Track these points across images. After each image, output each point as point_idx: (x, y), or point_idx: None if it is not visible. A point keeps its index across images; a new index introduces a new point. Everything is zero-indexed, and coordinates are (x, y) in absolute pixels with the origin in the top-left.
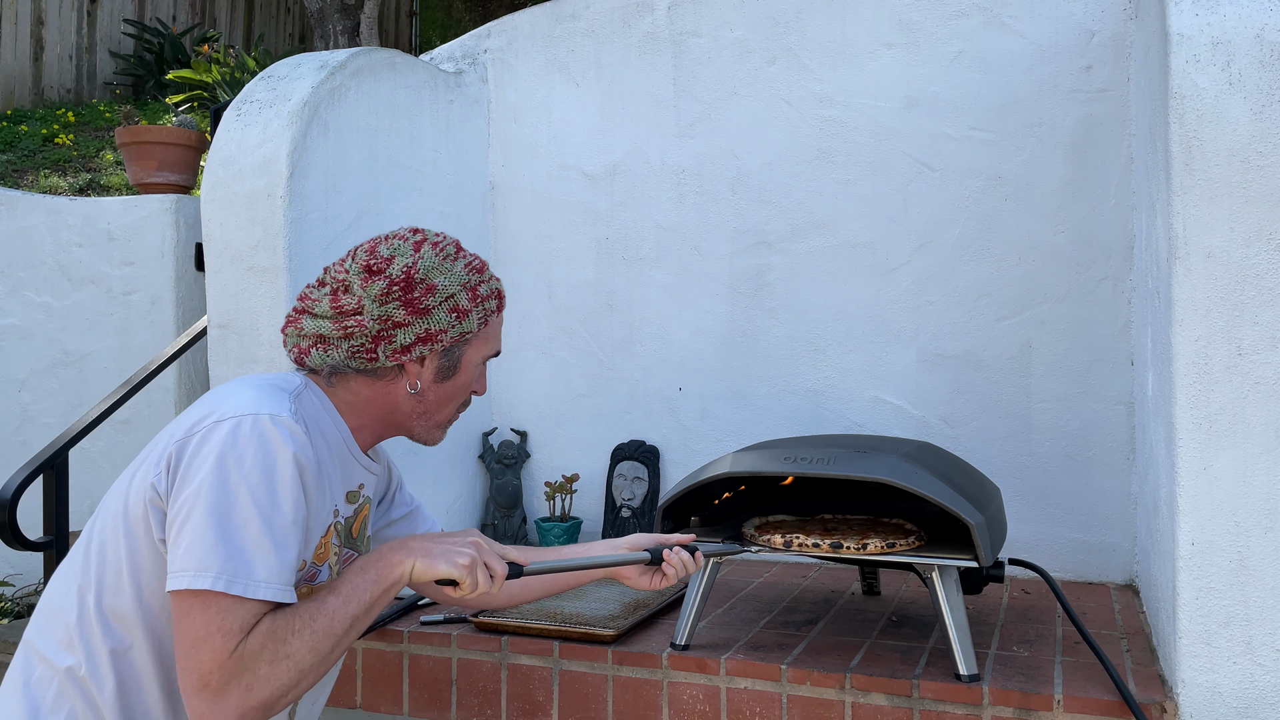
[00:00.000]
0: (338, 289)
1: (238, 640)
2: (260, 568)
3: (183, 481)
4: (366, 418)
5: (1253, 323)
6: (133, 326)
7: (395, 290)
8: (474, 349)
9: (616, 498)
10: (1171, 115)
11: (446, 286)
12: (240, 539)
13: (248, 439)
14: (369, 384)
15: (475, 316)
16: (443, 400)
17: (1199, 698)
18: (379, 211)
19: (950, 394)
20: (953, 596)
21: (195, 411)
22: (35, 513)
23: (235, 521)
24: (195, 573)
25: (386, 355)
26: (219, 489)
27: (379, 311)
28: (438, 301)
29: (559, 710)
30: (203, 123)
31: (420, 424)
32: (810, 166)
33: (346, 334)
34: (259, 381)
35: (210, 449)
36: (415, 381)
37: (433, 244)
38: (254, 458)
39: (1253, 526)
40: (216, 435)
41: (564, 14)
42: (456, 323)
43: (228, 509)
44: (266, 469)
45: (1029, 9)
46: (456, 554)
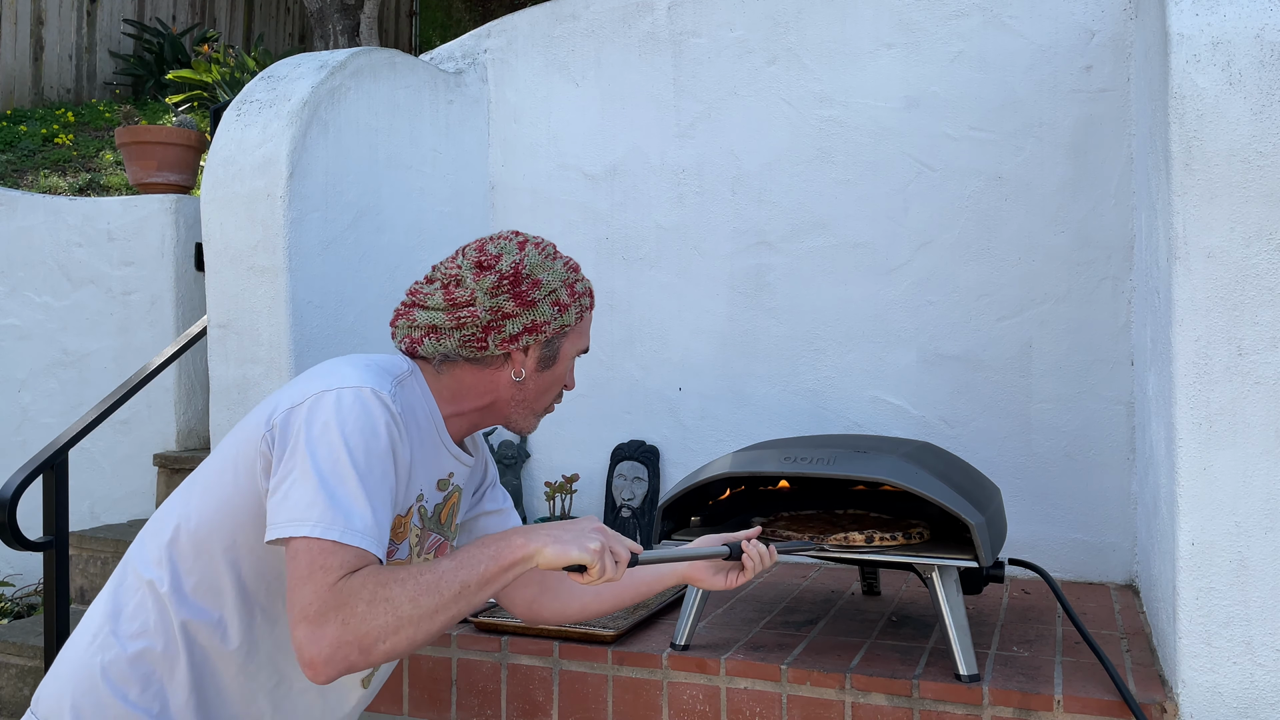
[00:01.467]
0: (449, 283)
1: (338, 576)
2: (357, 519)
3: (290, 443)
4: (467, 404)
5: (1253, 323)
6: (133, 326)
7: (505, 284)
8: (570, 342)
9: (616, 498)
10: (1171, 115)
11: (549, 282)
12: (339, 493)
13: (350, 407)
14: (476, 372)
15: (574, 311)
16: (541, 389)
17: (1199, 698)
18: (379, 211)
19: (950, 394)
20: (953, 596)
21: (304, 383)
22: (35, 513)
23: (335, 478)
24: (298, 522)
25: (496, 344)
26: (322, 449)
27: (490, 303)
28: (542, 295)
29: (559, 710)
30: (203, 123)
31: (519, 411)
32: (810, 166)
33: (459, 324)
34: (367, 361)
35: (316, 415)
36: (520, 370)
37: (535, 244)
38: (354, 424)
39: (1253, 526)
40: (323, 403)
41: (564, 14)
42: (558, 315)
43: (328, 467)
44: (365, 434)
45: (1029, 9)
46: (587, 539)
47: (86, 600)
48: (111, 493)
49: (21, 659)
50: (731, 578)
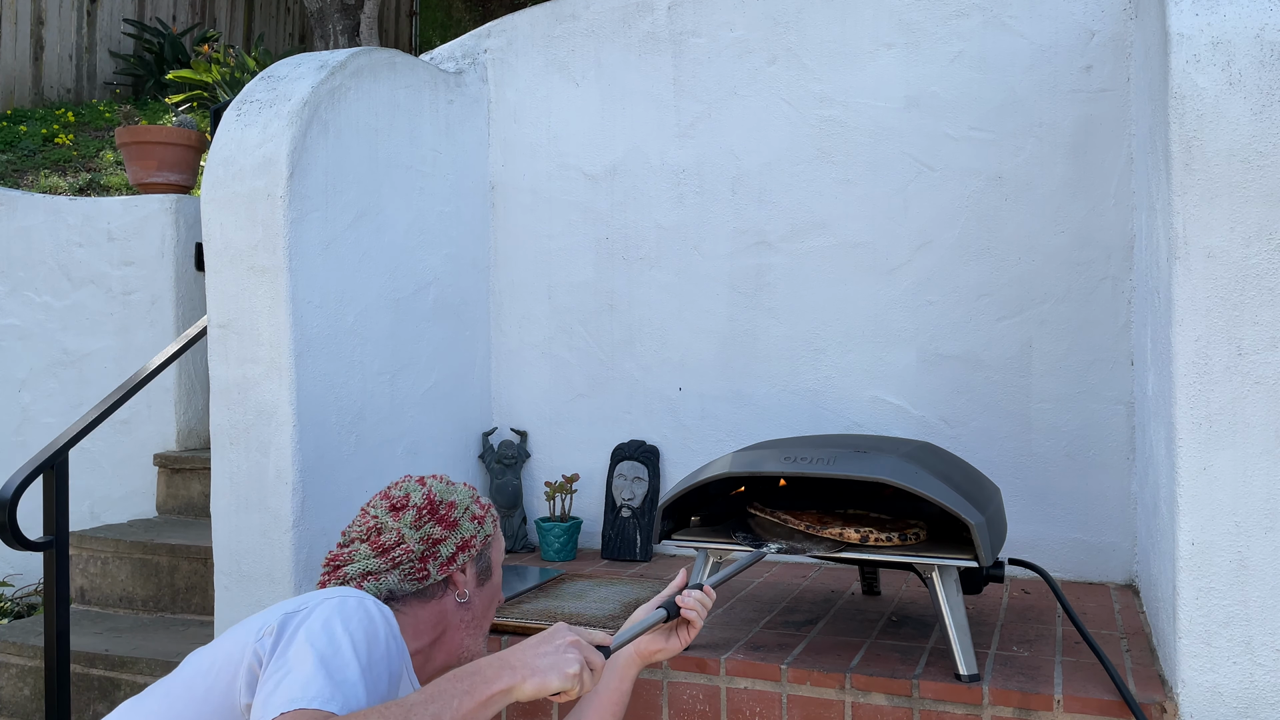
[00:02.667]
0: (370, 534)
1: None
2: (354, 701)
3: (284, 641)
4: (422, 641)
5: (1253, 323)
6: (133, 326)
7: (425, 514)
8: (496, 550)
9: (616, 498)
10: (1171, 115)
11: (461, 501)
12: (342, 677)
13: (355, 607)
14: (421, 605)
15: (489, 520)
16: (485, 604)
17: (1199, 698)
18: (379, 211)
19: (950, 394)
20: (953, 596)
21: (297, 600)
22: (35, 513)
23: (336, 663)
24: (293, 700)
25: (436, 569)
26: (323, 639)
27: (418, 534)
28: (460, 514)
29: (559, 710)
30: (203, 123)
31: (469, 634)
32: (810, 166)
33: (394, 563)
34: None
35: (317, 615)
36: (464, 590)
37: (433, 476)
38: (357, 620)
39: (1253, 526)
40: (326, 607)
41: (564, 14)
42: (479, 528)
43: (329, 653)
44: (368, 631)
45: (1029, 9)
46: (564, 664)
47: (86, 600)
48: (111, 493)
49: (21, 659)
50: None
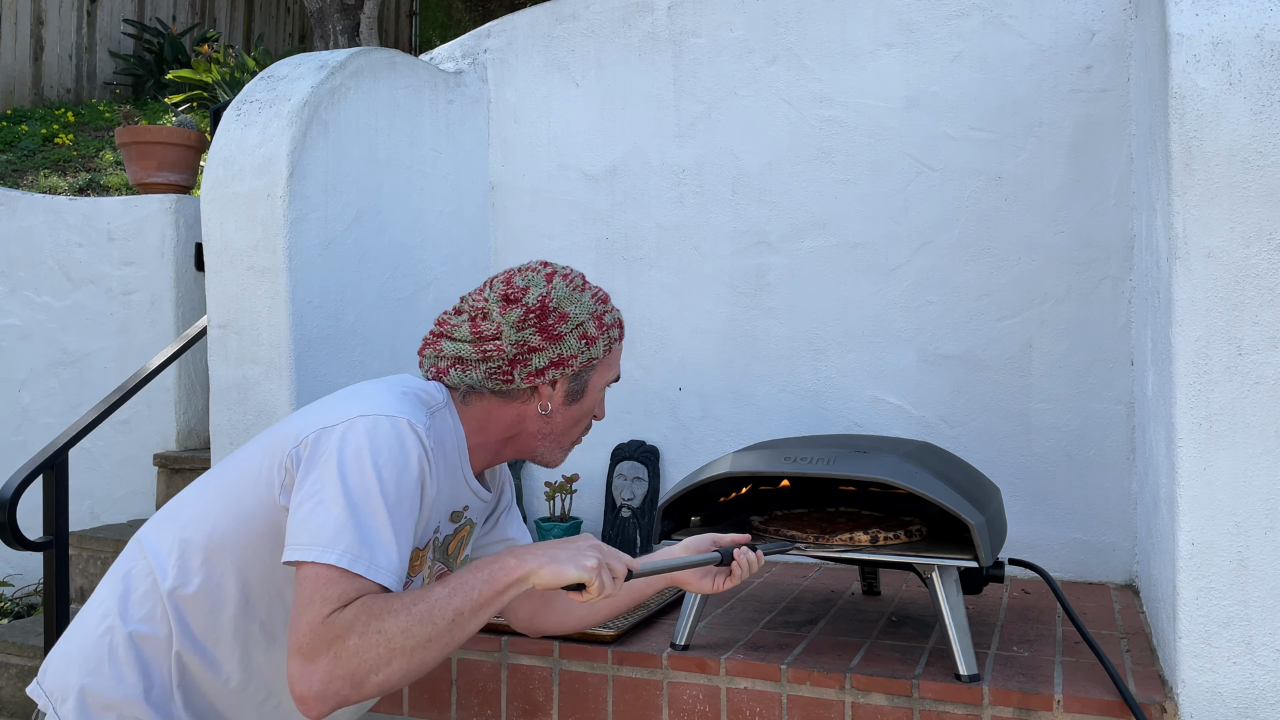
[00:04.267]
0: (476, 316)
1: (335, 607)
2: (381, 555)
3: (320, 462)
4: (491, 436)
5: (1253, 323)
6: (133, 326)
7: (531, 317)
8: (599, 374)
9: (616, 498)
10: (1171, 115)
11: (577, 315)
12: (368, 525)
13: (386, 437)
14: (501, 404)
15: (601, 343)
16: (569, 423)
17: (1199, 698)
18: (379, 211)
19: (950, 394)
20: (953, 596)
21: (340, 403)
22: (35, 512)
23: (366, 509)
24: (323, 547)
25: (522, 378)
26: (354, 475)
27: (516, 337)
28: (569, 329)
29: (559, 710)
30: (203, 123)
31: (545, 445)
32: (810, 166)
33: (485, 357)
34: (404, 389)
35: (349, 440)
36: (546, 404)
37: (563, 275)
38: (388, 455)
39: (1253, 526)
40: (358, 428)
41: (564, 14)
42: (585, 349)
43: (361, 496)
44: (398, 467)
45: (1029, 9)
46: (583, 557)
47: (87, 600)
48: (111, 493)
49: (21, 659)
50: (719, 581)
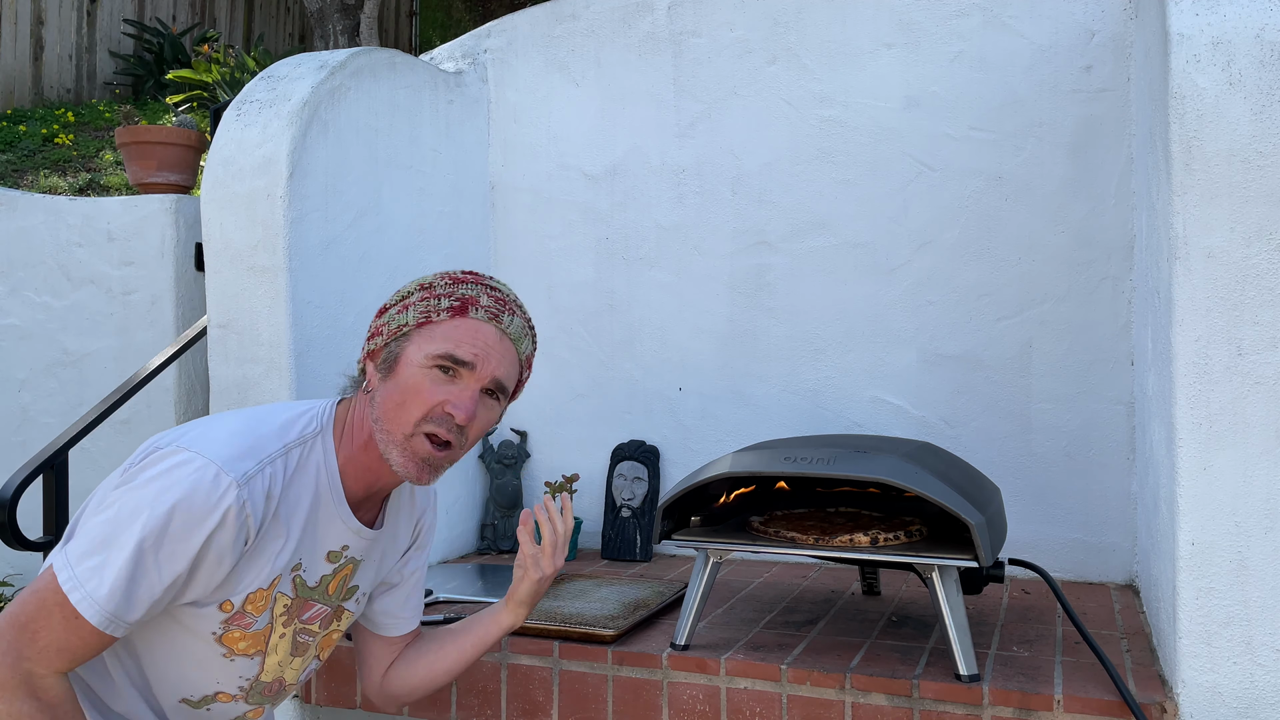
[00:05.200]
0: None
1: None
2: (105, 588)
3: (128, 474)
4: (357, 440)
5: (1253, 323)
6: (133, 326)
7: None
8: (414, 345)
9: (616, 498)
10: (1171, 115)
11: (407, 289)
12: (108, 554)
13: (182, 488)
14: (359, 398)
15: (415, 310)
16: (389, 401)
17: (1199, 698)
18: (379, 211)
19: (950, 394)
20: (953, 596)
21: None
22: (35, 513)
23: (118, 540)
24: (66, 559)
25: (360, 360)
26: (130, 507)
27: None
28: (394, 302)
29: (559, 710)
30: (203, 123)
31: (381, 436)
32: (810, 166)
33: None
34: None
35: (155, 471)
36: (370, 381)
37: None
38: (173, 507)
39: (1253, 526)
40: (166, 463)
41: (564, 14)
42: (396, 315)
43: (123, 530)
44: (173, 521)
45: (1029, 9)
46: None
47: None
48: None
49: None
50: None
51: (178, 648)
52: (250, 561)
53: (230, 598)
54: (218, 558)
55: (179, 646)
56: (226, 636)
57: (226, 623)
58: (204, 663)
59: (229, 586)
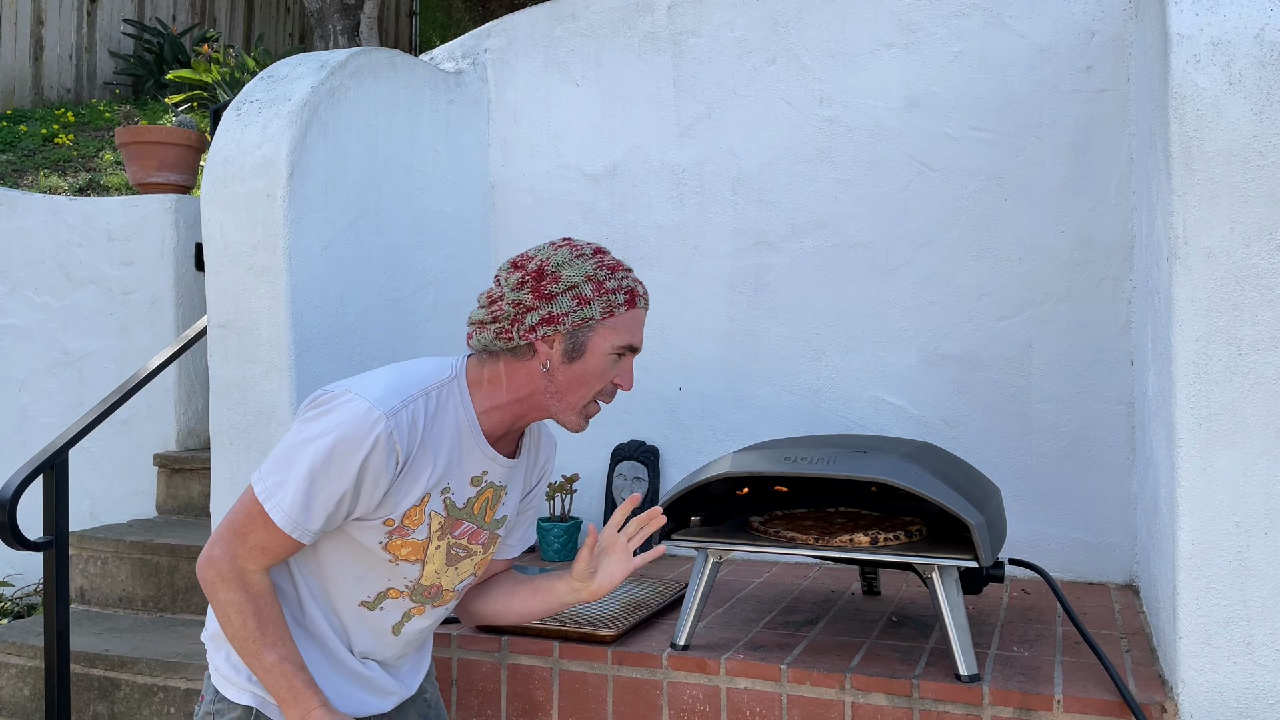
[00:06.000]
0: (493, 285)
1: (247, 554)
2: (288, 499)
3: (303, 411)
4: (506, 396)
5: (1253, 323)
6: (133, 326)
7: (528, 279)
8: (600, 336)
9: (616, 498)
10: (1171, 115)
11: (571, 277)
12: (289, 473)
13: (344, 419)
14: (511, 363)
15: (598, 305)
16: (572, 382)
17: (1199, 698)
18: (379, 211)
19: (950, 394)
20: (953, 596)
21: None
22: (35, 512)
23: (295, 461)
24: (260, 474)
25: (519, 334)
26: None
27: (513, 297)
28: (562, 289)
29: (559, 710)
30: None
31: (554, 402)
32: (810, 166)
33: (493, 318)
34: (404, 375)
35: (324, 408)
36: (545, 360)
37: (572, 246)
38: (337, 434)
39: (1253, 526)
40: (334, 403)
41: (564, 14)
42: (578, 308)
43: (299, 453)
44: (337, 446)
45: (1029, 9)
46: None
47: (86, 600)
48: (111, 493)
49: (21, 659)
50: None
51: (353, 556)
52: (404, 483)
53: (390, 515)
54: (375, 477)
55: (354, 555)
56: (390, 544)
57: (390, 534)
58: (375, 565)
59: (389, 504)
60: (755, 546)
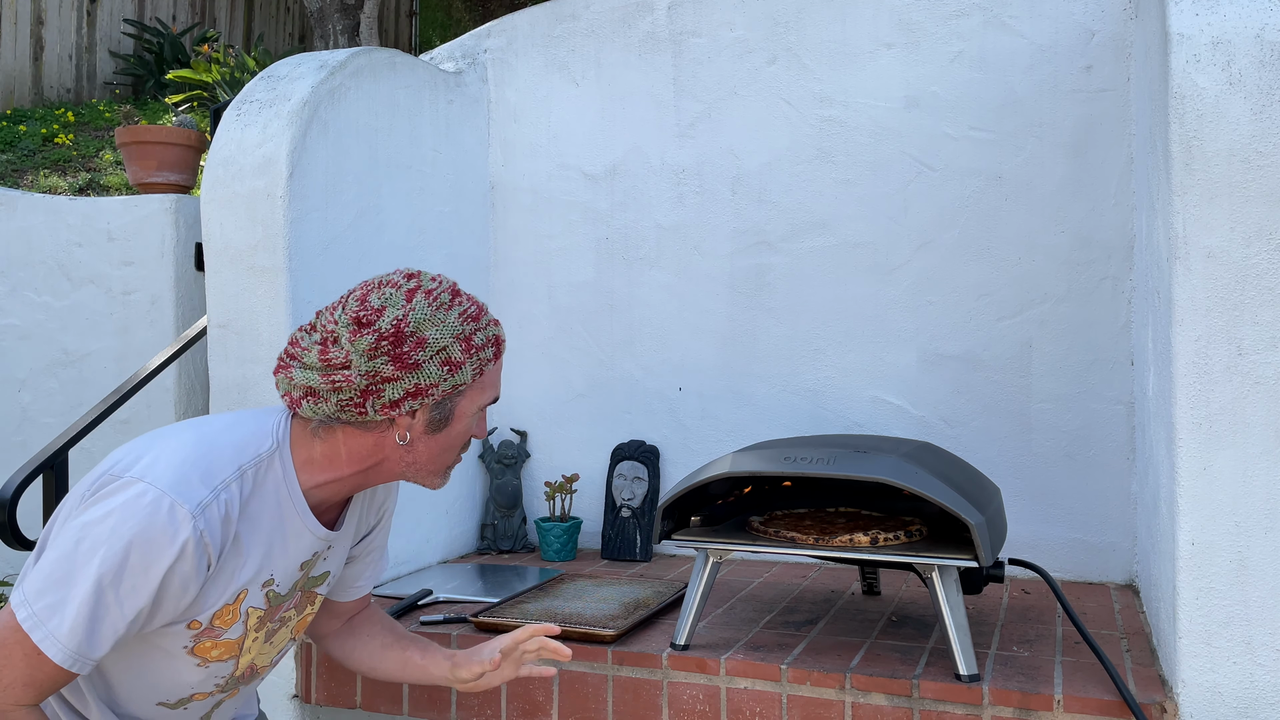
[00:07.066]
0: (327, 339)
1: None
2: (66, 627)
3: (80, 512)
4: (345, 469)
5: (1253, 323)
6: (133, 326)
7: (384, 345)
8: (468, 399)
9: (616, 498)
10: (1171, 115)
11: (438, 339)
12: (67, 592)
13: (138, 520)
14: (359, 435)
15: (469, 368)
16: (435, 451)
17: (1199, 698)
18: (379, 211)
19: (950, 394)
20: (953, 596)
21: (135, 448)
22: (35, 513)
23: (77, 577)
24: (24, 596)
25: (375, 410)
26: (88, 543)
27: (367, 367)
28: (428, 355)
29: (559, 710)
30: (203, 123)
31: (411, 473)
32: (810, 166)
33: (335, 388)
34: (210, 448)
35: (110, 504)
36: (404, 434)
37: (426, 291)
38: (129, 539)
39: (1253, 526)
40: (122, 496)
41: (564, 14)
42: (449, 376)
43: (81, 566)
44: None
45: (1029, 9)
46: None
47: None
48: None
49: None
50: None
51: (150, 663)
52: (212, 584)
53: (197, 617)
54: (181, 587)
55: (151, 661)
56: (199, 648)
57: (197, 637)
58: (179, 672)
59: (195, 608)
60: (755, 546)
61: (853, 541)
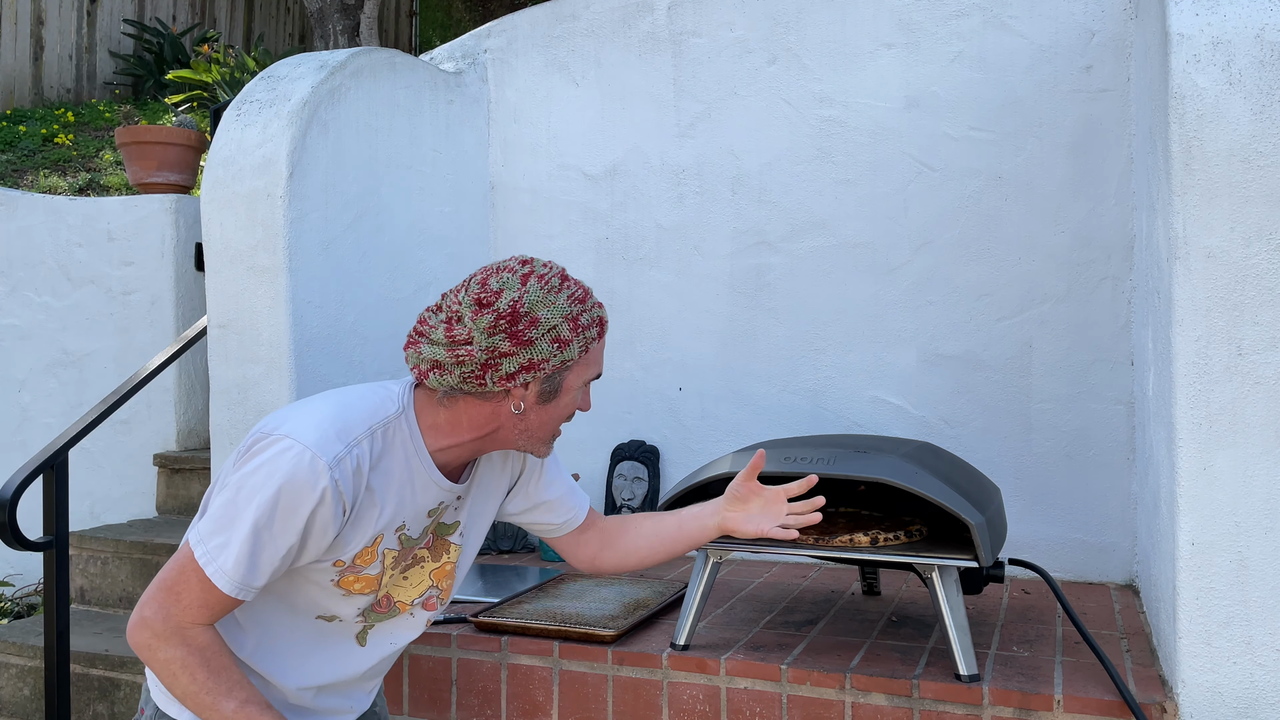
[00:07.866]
0: (452, 319)
1: (184, 612)
2: (231, 561)
3: (238, 466)
4: (468, 435)
5: (1253, 323)
6: (133, 326)
7: (502, 323)
8: (575, 374)
9: (616, 498)
10: (1171, 115)
11: (549, 319)
12: (231, 533)
13: (285, 471)
14: (478, 404)
15: (576, 345)
16: (544, 420)
17: (1199, 698)
18: (379, 211)
19: (950, 394)
20: (953, 596)
21: (283, 412)
22: (35, 512)
23: (238, 520)
24: (199, 536)
25: (494, 382)
26: (245, 491)
27: (487, 343)
28: (540, 333)
29: (559, 710)
30: (203, 123)
31: (524, 439)
32: (810, 166)
33: (458, 361)
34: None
35: (262, 459)
36: (519, 404)
37: (539, 277)
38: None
39: (1253, 526)
40: (271, 450)
41: (564, 14)
42: (558, 352)
43: (241, 511)
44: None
45: (1029, 9)
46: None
47: (86, 600)
48: (111, 493)
49: (21, 659)
50: (765, 526)
51: (303, 594)
52: (352, 528)
53: (340, 556)
54: (322, 529)
55: (304, 593)
56: (343, 581)
57: (342, 572)
58: (329, 599)
59: (337, 549)
60: (755, 546)
61: (853, 541)
